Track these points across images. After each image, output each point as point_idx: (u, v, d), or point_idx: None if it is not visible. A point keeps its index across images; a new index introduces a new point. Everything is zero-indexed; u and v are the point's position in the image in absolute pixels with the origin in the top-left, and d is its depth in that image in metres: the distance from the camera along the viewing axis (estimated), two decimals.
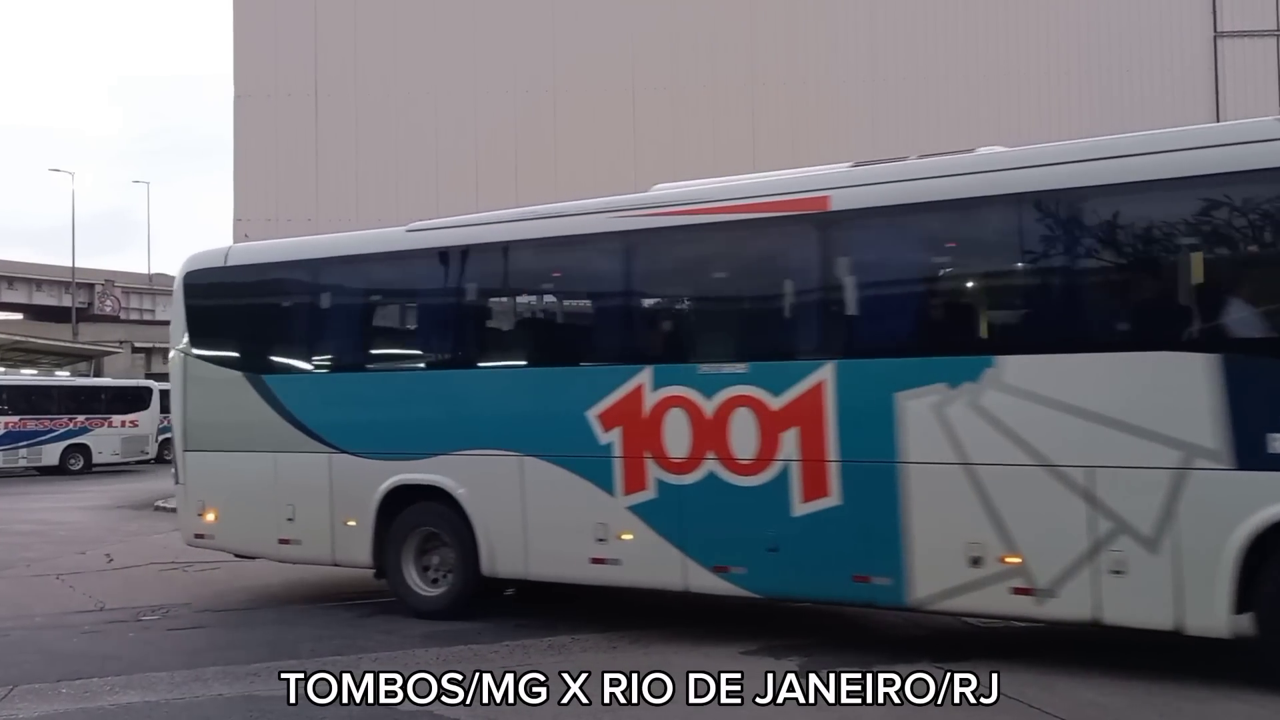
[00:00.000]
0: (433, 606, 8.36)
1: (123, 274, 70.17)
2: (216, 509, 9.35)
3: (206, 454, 9.44)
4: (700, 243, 7.76)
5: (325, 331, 9.41)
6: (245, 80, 18.37)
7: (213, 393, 9.45)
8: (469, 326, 8.75)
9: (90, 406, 31.84)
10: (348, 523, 8.61)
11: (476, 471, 8.08)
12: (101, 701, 6.15)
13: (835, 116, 18.01)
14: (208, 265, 9.77)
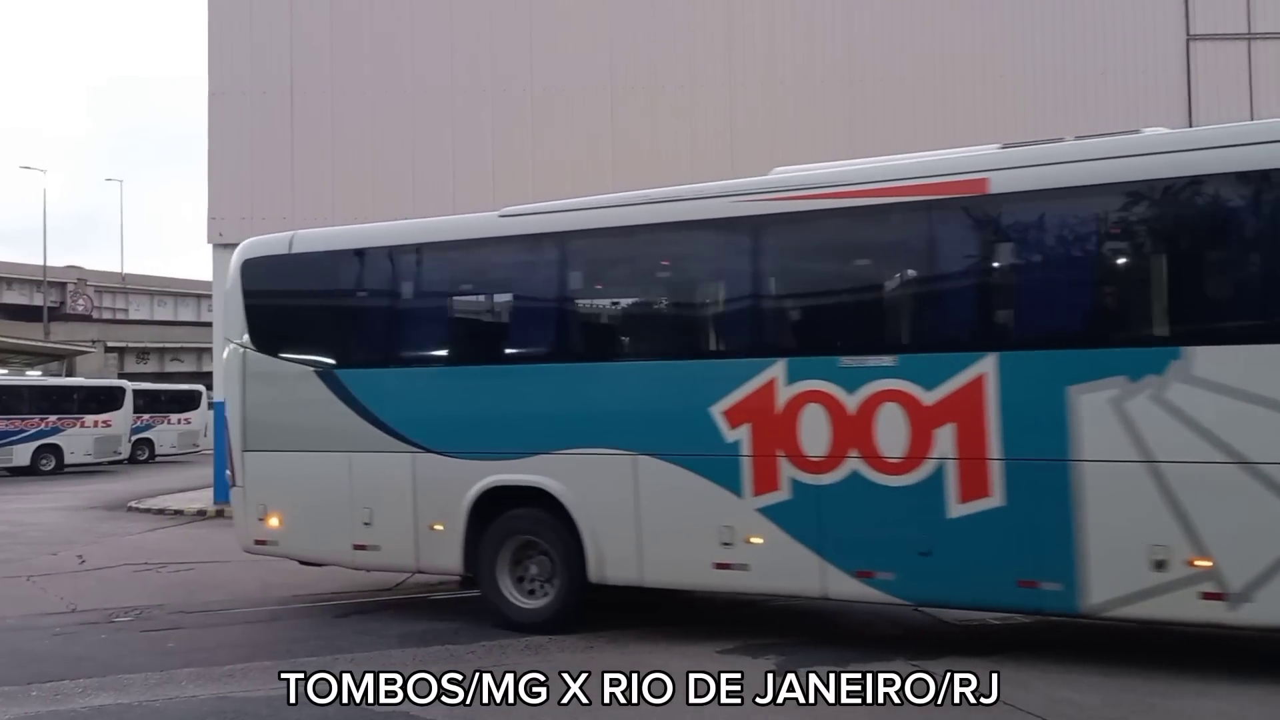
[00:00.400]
0: (534, 619, 7.78)
1: (95, 273, 69.45)
2: (281, 513, 8.72)
3: (269, 454, 8.79)
4: (841, 228, 7.33)
5: (409, 323, 8.85)
6: (220, 78, 18.20)
7: (276, 389, 8.83)
8: (573, 318, 8.22)
9: (62, 406, 31.53)
10: (434, 527, 8.08)
11: (583, 472, 7.60)
12: (73, 704, 6.09)
13: (813, 117, 18.06)
14: (269, 252, 9.11)
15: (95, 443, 31.76)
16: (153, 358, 60.90)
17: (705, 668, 6.49)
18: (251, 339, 8.91)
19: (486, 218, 8.24)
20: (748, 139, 18.04)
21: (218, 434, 18.81)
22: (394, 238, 8.72)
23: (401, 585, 10.09)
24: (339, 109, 18.18)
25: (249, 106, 18.14)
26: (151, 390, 37.52)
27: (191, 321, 67.88)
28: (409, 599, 9.41)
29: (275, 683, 6.40)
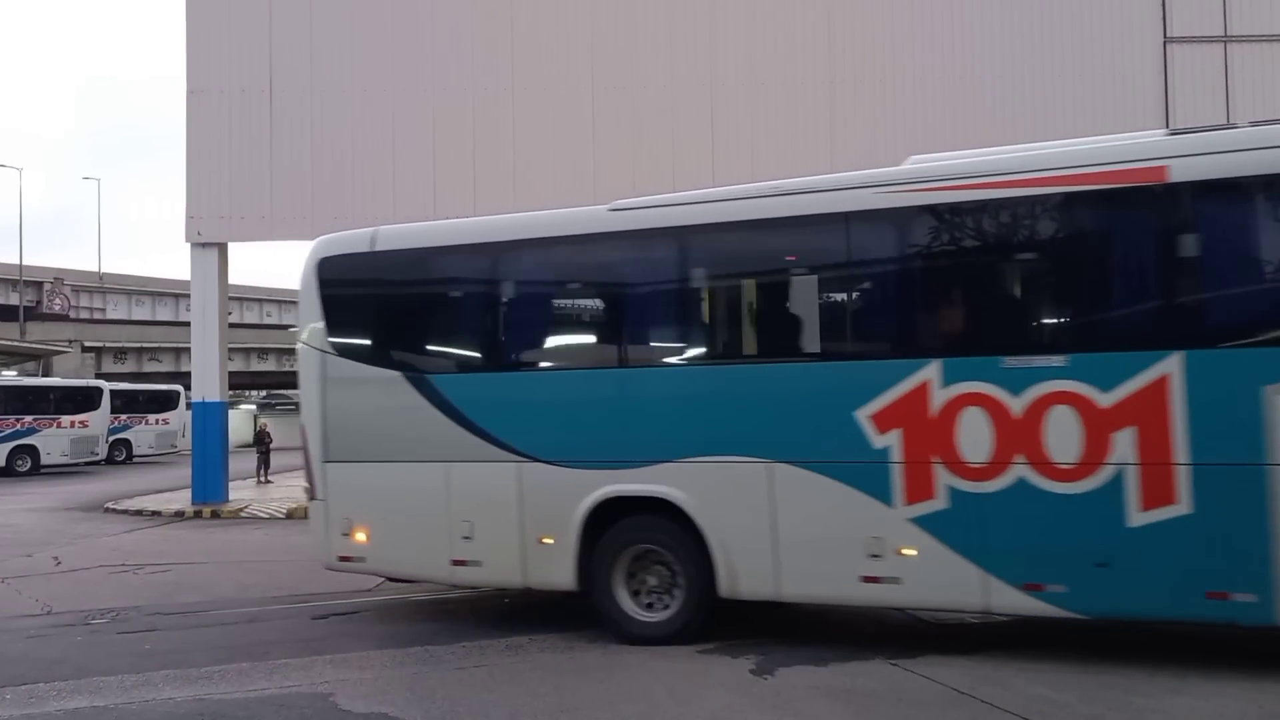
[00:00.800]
0: (657, 632, 7.31)
1: (72, 272, 68.80)
2: (368, 528, 8.16)
3: (354, 465, 8.20)
4: (1003, 219, 6.89)
5: (513, 325, 8.26)
6: (198, 76, 18.08)
7: (362, 396, 8.26)
8: (698, 318, 7.77)
9: (38, 407, 31.30)
10: (543, 540, 7.59)
11: (712, 481, 7.14)
12: (48, 707, 6.03)
13: (793, 117, 18.11)
14: (350, 250, 8.53)
15: (72, 443, 31.56)
16: (130, 358, 60.35)
17: (686, 668, 6.55)
18: (331, 342, 8.36)
19: (595, 212, 7.77)
20: (728, 137, 18.09)
21: (195, 434, 18.74)
22: (492, 234, 8.18)
23: (381, 586, 10.05)
24: (318, 108, 18.10)
25: (227, 105, 18.03)
26: (129, 390, 37.30)
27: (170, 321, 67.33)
28: (389, 601, 9.37)
29: (253, 684, 6.39)
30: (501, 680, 6.40)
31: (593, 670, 6.61)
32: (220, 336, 18.43)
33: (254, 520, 16.71)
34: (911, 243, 6.98)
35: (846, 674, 6.33)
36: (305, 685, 6.35)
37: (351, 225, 20.53)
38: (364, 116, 18.09)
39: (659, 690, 6.06)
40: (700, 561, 7.18)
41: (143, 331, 64.31)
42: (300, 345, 8.63)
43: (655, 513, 7.34)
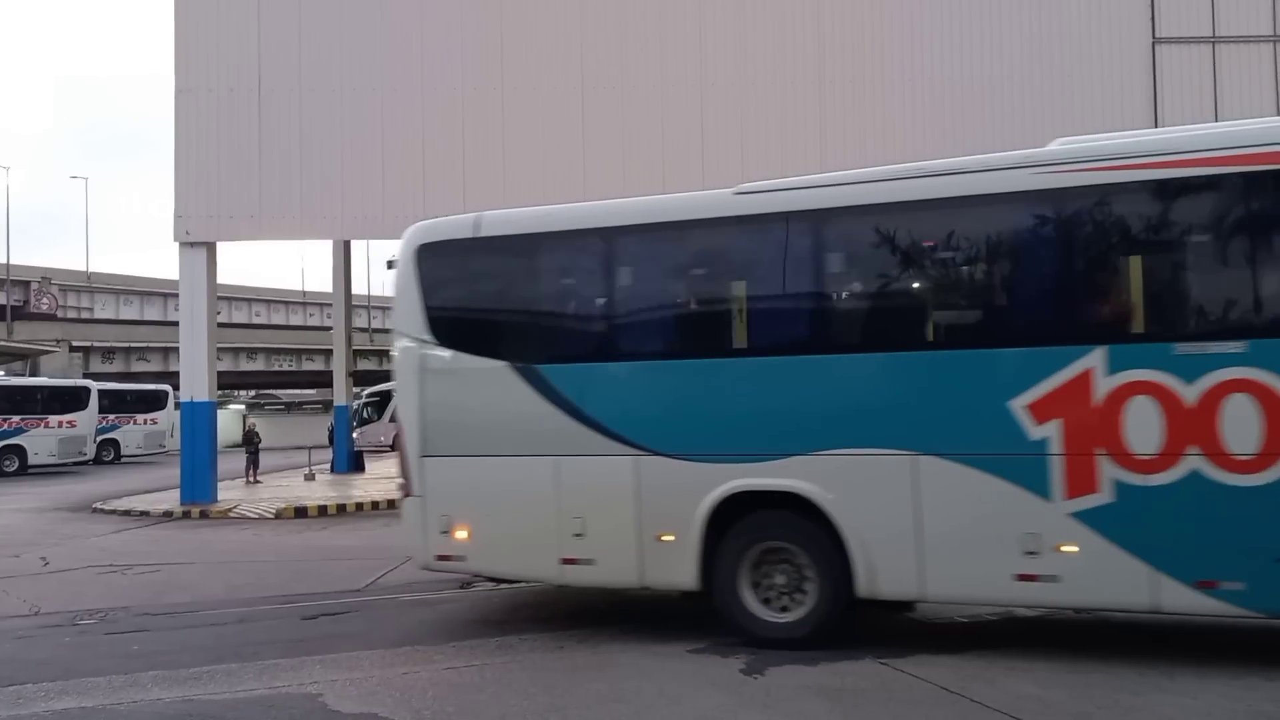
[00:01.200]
0: (787, 634, 7.00)
1: (60, 271, 68.51)
2: (470, 525, 7.83)
3: (454, 460, 7.87)
4: (1172, 200, 6.56)
5: (629, 312, 7.87)
6: (186, 75, 18.00)
7: (463, 387, 7.96)
8: (834, 304, 7.39)
9: (26, 407, 31.18)
10: (662, 538, 7.27)
11: (849, 475, 6.85)
12: (36, 708, 6.00)
13: (783, 117, 18.14)
14: (450, 236, 8.20)
15: (60, 443, 31.44)
16: (118, 357, 60.11)
17: (677, 667, 6.54)
18: (431, 333, 8.02)
19: (720, 195, 7.48)
20: (718, 136, 18.10)
21: (184, 434, 18.66)
22: (608, 219, 7.85)
23: (371, 586, 10.04)
24: (307, 108, 18.04)
25: (216, 104, 17.96)
26: (117, 390, 37.15)
27: (158, 321, 67.10)
28: (377, 600, 9.35)
29: (242, 685, 6.37)
30: (491, 680, 6.39)
31: (583, 670, 6.60)
32: (209, 336, 18.36)
33: (243, 520, 16.66)
34: (1071, 225, 6.71)
35: (836, 673, 6.33)
36: (294, 686, 6.33)
37: (341, 226, 20.57)
38: (353, 116, 18.04)
39: (650, 689, 6.05)
40: (835, 560, 6.87)
41: (130, 331, 64.05)
42: (396, 334, 8.28)
43: (784, 508, 7.06)
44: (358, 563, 11.67)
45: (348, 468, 26.68)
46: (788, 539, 7.10)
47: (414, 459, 8.02)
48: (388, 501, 18.52)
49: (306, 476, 23.60)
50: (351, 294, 29.61)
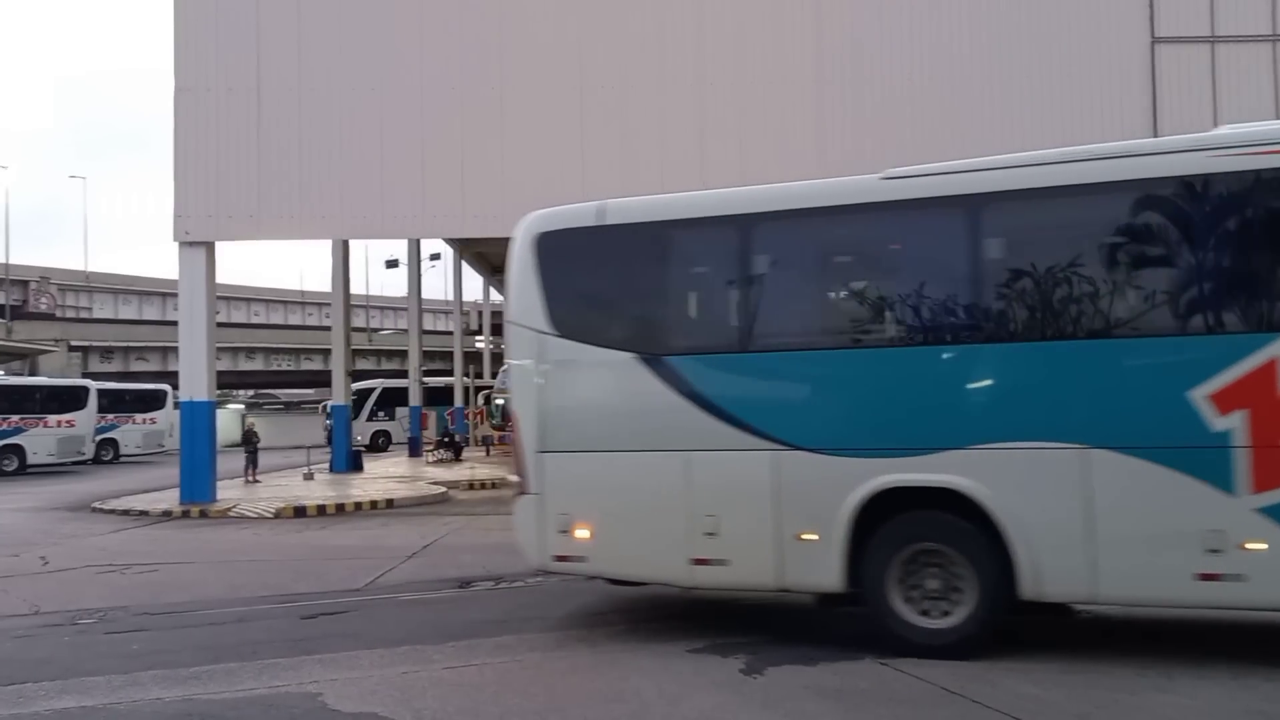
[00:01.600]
0: (943, 640, 6.67)
1: (59, 271, 68.52)
2: (592, 524, 7.50)
3: (575, 455, 7.57)
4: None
5: (767, 302, 7.52)
6: (186, 74, 17.99)
7: (586, 379, 7.71)
8: (992, 292, 6.93)
9: (24, 406, 31.17)
10: (803, 537, 6.95)
11: (1012, 470, 6.54)
12: (36, 707, 6.00)
13: (781, 117, 18.15)
14: (574, 225, 7.92)
15: (58, 443, 31.42)
16: (117, 357, 60.12)
17: (676, 667, 6.55)
18: (551, 323, 7.72)
19: (866, 181, 7.21)
20: (716, 137, 18.10)
21: (184, 434, 18.66)
22: (744, 205, 7.55)
23: (370, 585, 10.05)
24: (306, 107, 18.04)
25: (215, 104, 17.95)
26: (116, 390, 37.14)
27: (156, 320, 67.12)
28: (376, 599, 9.36)
29: (241, 684, 6.37)
30: (491, 679, 6.40)
31: (582, 669, 6.61)
32: (208, 336, 18.35)
33: (242, 520, 16.66)
34: (1256, 208, 6.47)
35: (836, 673, 6.34)
36: (294, 685, 6.33)
37: (340, 226, 20.56)
38: (352, 116, 18.04)
39: (649, 689, 6.06)
40: (996, 562, 6.55)
41: (129, 331, 64.08)
42: (511, 325, 8.00)
43: (937, 506, 6.74)
44: (357, 562, 11.68)
45: (346, 467, 26.69)
46: (943, 540, 6.76)
47: (530, 455, 7.70)
48: (386, 501, 18.55)
49: (305, 476, 23.60)
50: (350, 294, 29.63)
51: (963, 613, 6.68)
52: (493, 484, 23.12)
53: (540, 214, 8.08)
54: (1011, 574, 6.50)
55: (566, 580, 9.98)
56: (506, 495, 20.55)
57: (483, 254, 42.66)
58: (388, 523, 15.92)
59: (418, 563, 11.59)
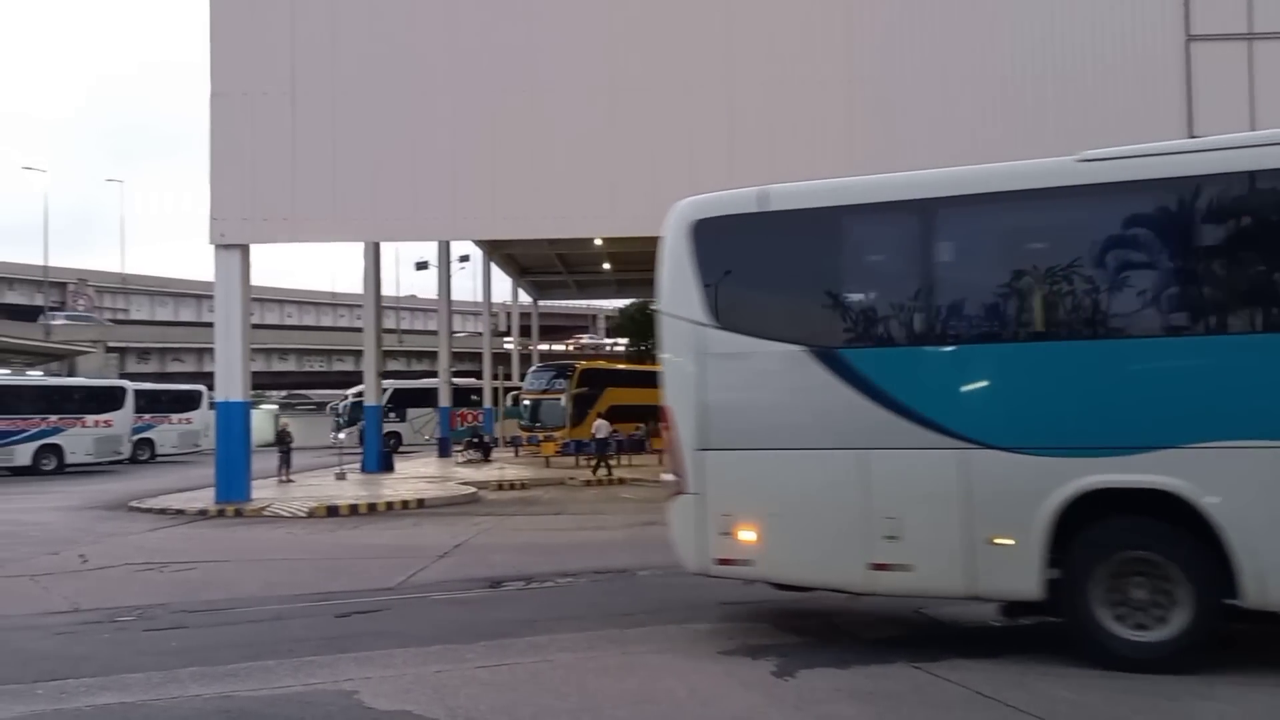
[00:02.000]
0: (1151, 656, 6.26)
1: (95, 273, 69.61)
2: (758, 527, 7.07)
3: (739, 454, 7.18)
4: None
5: (954, 291, 7.07)
6: (221, 78, 18.22)
7: (751, 373, 7.27)
8: (1210, 280, 6.54)
9: (63, 406, 31.65)
10: (996, 541, 6.51)
11: (1233, 471, 6.07)
12: (77, 703, 6.10)
13: (812, 116, 18.09)
14: (735, 211, 7.52)
15: (96, 442, 31.87)
16: (153, 358, 60.92)
17: (708, 668, 6.56)
18: (710, 314, 7.33)
19: (1059, 164, 6.81)
20: (746, 136, 18.09)
21: (219, 434, 18.89)
22: (923, 190, 7.11)
23: (403, 584, 10.12)
24: (340, 110, 18.22)
25: (250, 108, 18.17)
26: (152, 390, 37.63)
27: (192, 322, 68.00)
28: (409, 598, 9.42)
29: (278, 682, 6.45)
30: (523, 679, 6.43)
31: (614, 670, 6.63)
32: (243, 337, 18.57)
33: (276, 519, 16.84)
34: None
35: (869, 676, 6.32)
36: (330, 683, 6.40)
37: (372, 229, 20.73)
38: (384, 119, 18.20)
39: (681, 691, 6.07)
40: (1214, 570, 6.11)
41: (165, 332, 64.95)
42: (664, 317, 7.60)
43: (1143, 509, 6.34)
44: (389, 561, 11.77)
45: (378, 467, 26.90)
46: (1155, 546, 6.31)
47: (688, 453, 7.28)
48: (417, 501, 18.67)
49: (337, 476, 23.81)
50: (381, 295, 29.87)
51: (1176, 624, 6.24)
52: (522, 485, 23.22)
53: (694, 200, 7.67)
54: (1232, 583, 6.06)
55: (597, 580, 10.04)
56: (538, 496, 20.65)
57: (512, 255, 42.91)
58: (419, 522, 16.04)
59: (449, 562, 11.66)
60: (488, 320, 43.87)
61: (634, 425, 33.89)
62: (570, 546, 12.96)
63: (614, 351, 71.47)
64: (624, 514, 16.83)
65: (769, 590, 7.72)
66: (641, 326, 65.69)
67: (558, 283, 50.62)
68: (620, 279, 49.49)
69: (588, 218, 18.72)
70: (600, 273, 46.75)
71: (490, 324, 44.39)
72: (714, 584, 9.54)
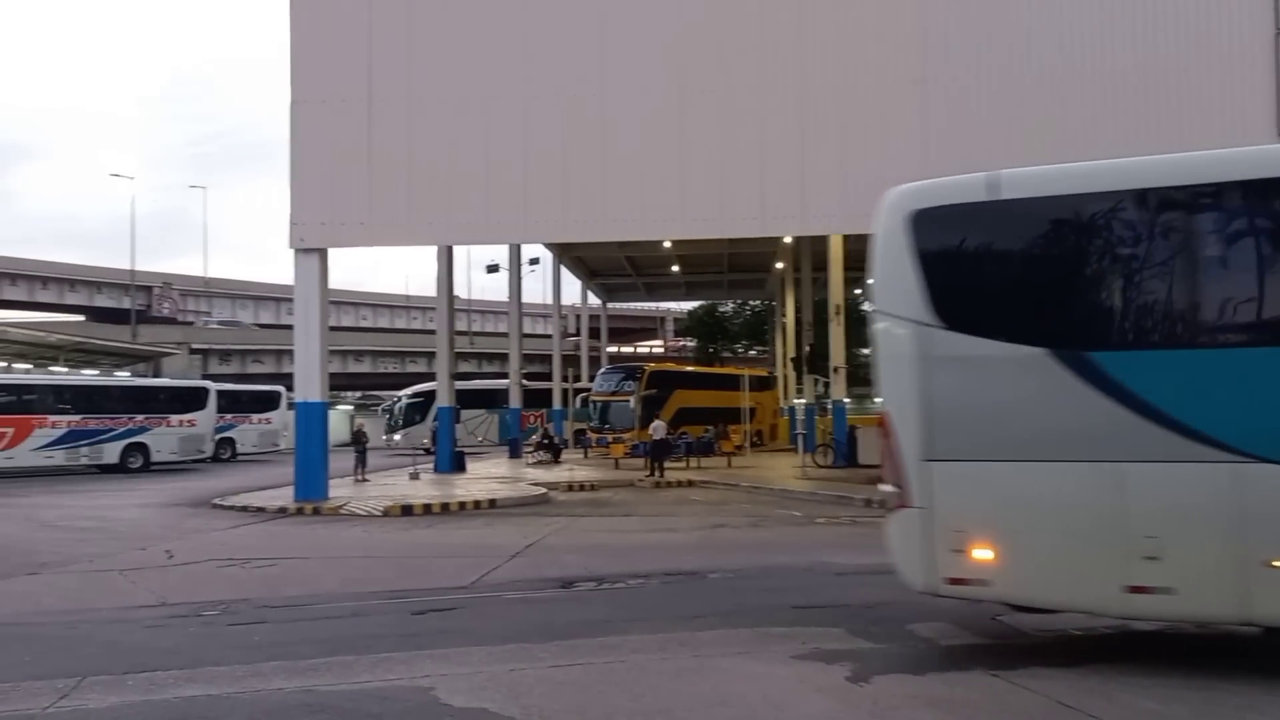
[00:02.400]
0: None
1: (179, 277, 71.84)
2: (996, 544, 6.48)
3: (972, 465, 6.59)
4: None
5: (1228, 290, 6.36)
6: (302, 87, 18.66)
7: (985, 377, 6.61)
8: None
9: (149, 406, 32.67)
10: (1275, 564, 5.91)
11: None
12: (166, 694, 6.29)
13: (884, 116, 17.91)
14: (961, 200, 6.91)
15: (180, 441, 32.84)
16: (234, 359, 62.62)
17: (780, 673, 6.52)
18: (934, 313, 6.71)
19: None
20: (818, 137, 17.97)
21: (298, 434, 19.32)
22: (1197, 174, 6.45)
23: (476, 584, 10.25)
24: (415, 117, 18.53)
25: (329, 115, 18.58)
26: (233, 391, 38.64)
27: (271, 324, 69.72)
28: (482, 597, 9.53)
29: (357, 677, 6.58)
30: (596, 679, 6.47)
31: (686, 673, 6.62)
32: (322, 339, 18.97)
33: (352, 518, 17.17)
34: None
35: (945, 683, 6.23)
36: (406, 679, 6.50)
37: (446, 232, 20.99)
38: (458, 124, 18.47)
39: (754, 695, 6.05)
40: None
41: (245, 334, 66.69)
42: (880, 316, 7.07)
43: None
44: (463, 560, 11.93)
45: (450, 467, 27.28)
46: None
47: (912, 463, 6.70)
48: (489, 501, 18.88)
49: (411, 475, 24.19)
50: (454, 298, 30.27)
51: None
52: (591, 486, 23.33)
53: (912, 188, 7.06)
54: None
55: (668, 582, 10.05)
56: (608, 498, 20.73)
57: (581, 258, 43.17)
58: (491, 522, 16.22)
59: (521, 562, 11.77)
60: (557, 322, 44.16)
61: (703, 427, 33.85)
62: (640, 548, 12.99)
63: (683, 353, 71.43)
64: (694, 516, 16.81)
65: (841, 595, 7.64)
66: (710, 328, 65.78)
67: (626, 285, 50.83)
68: (689, 281, 49.52)
69: (657, 220, 18.75)
70: (669, 275, 46.81)
71: (560, 326, 44.68)
72: (786, 588, 9.53)
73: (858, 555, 11.65)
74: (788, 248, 37.95)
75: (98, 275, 67.13)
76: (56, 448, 30.10)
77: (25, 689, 6.38)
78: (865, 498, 18.07)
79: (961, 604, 7.14)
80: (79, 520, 17.29)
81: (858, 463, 25.82)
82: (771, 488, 21.70)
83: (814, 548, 12.64)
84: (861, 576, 10.07)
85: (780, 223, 19.92)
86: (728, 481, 23.54)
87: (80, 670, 6.81)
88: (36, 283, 65.21)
